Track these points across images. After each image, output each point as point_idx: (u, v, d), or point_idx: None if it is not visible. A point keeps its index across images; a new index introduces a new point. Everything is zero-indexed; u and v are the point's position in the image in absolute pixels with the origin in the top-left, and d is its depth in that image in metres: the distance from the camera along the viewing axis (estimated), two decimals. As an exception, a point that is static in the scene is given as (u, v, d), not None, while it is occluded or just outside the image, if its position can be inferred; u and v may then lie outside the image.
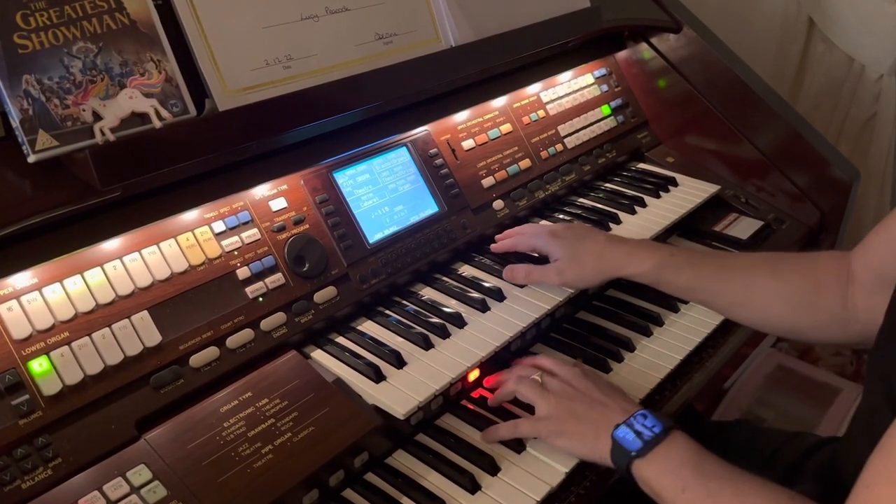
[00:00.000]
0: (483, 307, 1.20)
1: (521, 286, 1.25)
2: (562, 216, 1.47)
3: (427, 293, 1.25)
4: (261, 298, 1.07)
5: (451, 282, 1.27)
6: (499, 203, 1.40)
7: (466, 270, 1.30)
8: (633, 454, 0.93)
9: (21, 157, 0.87)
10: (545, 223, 1.43)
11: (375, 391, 1.03)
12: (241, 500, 0.88)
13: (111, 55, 0.94)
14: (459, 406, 1.14)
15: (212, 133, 0.99)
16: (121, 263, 0.97)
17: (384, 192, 1.25)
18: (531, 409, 1.08)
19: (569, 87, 1.63)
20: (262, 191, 1.13)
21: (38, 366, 0.89)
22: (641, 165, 1.70)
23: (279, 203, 1.13)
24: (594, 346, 1.25)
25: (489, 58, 1.33)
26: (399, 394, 1.03)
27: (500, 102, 1.49)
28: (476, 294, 1.22)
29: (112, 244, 0.98)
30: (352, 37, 1.15)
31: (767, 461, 1.19)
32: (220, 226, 1.07)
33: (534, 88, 1.56)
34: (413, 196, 1.28)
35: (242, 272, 1.06)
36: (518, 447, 1.05)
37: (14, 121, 0.86)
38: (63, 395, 0.89)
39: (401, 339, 1.13)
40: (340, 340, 1.13)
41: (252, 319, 1.05)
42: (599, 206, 1.51)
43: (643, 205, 1.52)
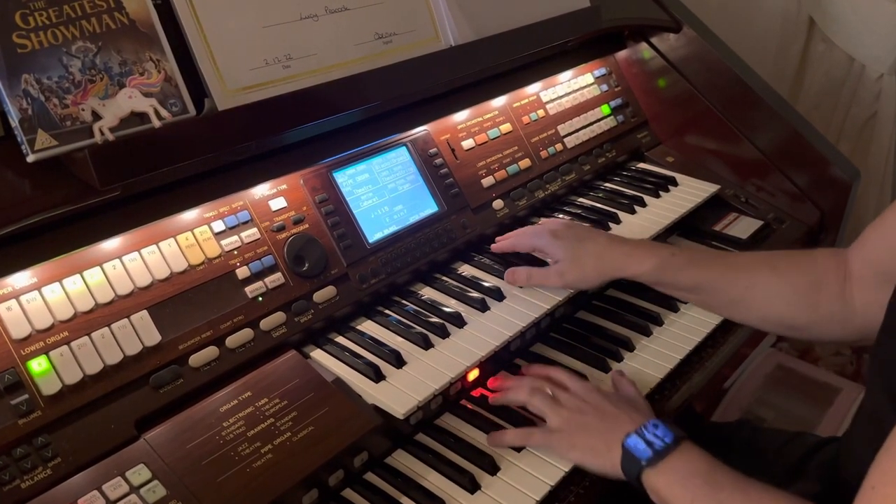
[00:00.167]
0: (483, 307, 1.20)
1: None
2: (562, 216, 1.47)
3: (427, 293, 1.25)
4: (260, 298, 1.07)
5: (451, 281, 1.27)
6: (498, 203, 1.40)
7: (466, 270, 1.30)
8: (644, 463, 0.93)
9: (20, 157, 0.87)
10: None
11: (375, 391, 1.03)
12: (241, 500, 0.88)
13: (110, 55, 0.94)
14: (459, 406, 1.14)
15: (211, 133, 0.99)
16: (120, 263, 0.97)
17: (384, 192, 1.25)
18: (531, 410, 1.08)
19: (569, 87, 1.62)
20: (262, 190, 1.13)
21: (38, 365, 0.89)
22: (641, 165, 1.70)
23: (279, 203, 1.13)
24: (594, 346, 1.24)
25: (489, 57, 1.33)
26: (399, 393, 1.03)
27: (500, 102, 1.49)
28: (476, 294, 1.22)
29: (111, 244, 0.98)
30: (351, 36, 1.15)
31: (768, 461, 1.19)
32: (220, 225, 1.07)
33: (533, 88, 1.56)
34: (413, 196, 1.28)
35: (242, 272, 1.06)
36: (518, 447, 1.05)
37: (13, 120, 0.86)
38: (62, 395, 0.89)
39: (400, 339, 1.13)
40: (340, 340, 1.13)
41: (251, 319, 1.05)
42: (599, 206, 1.51)
43: (643, 204, 1.52)
